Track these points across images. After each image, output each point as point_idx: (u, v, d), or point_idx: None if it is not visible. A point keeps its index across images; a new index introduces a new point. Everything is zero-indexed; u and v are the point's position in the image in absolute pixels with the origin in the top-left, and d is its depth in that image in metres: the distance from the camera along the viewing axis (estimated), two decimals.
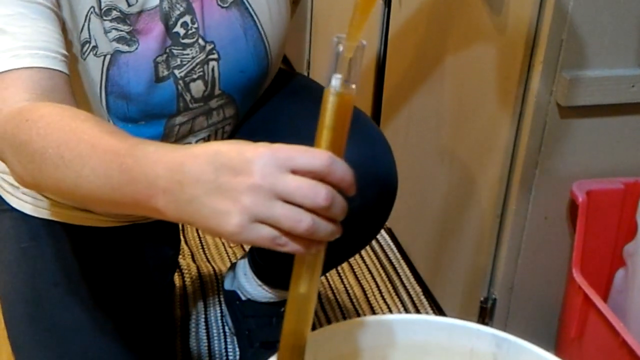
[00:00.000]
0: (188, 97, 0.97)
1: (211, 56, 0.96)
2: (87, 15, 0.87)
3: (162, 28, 0.92)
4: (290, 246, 0.60)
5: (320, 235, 0.60)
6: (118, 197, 0.65)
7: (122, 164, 0.64)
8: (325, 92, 0.63)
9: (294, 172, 0.59)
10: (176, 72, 0.94)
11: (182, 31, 0.94)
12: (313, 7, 2.02)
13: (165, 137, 0.98)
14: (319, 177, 0.59)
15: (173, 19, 0.92)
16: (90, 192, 0.67)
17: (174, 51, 0.93)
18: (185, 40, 0.94)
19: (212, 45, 0.96)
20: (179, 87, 0.95)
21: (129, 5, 0.89)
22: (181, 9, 0.93)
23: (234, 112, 1.03)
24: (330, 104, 0.63)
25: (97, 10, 0.87)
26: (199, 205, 0.60)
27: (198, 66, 0.96)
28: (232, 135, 1.07)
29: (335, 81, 0.63)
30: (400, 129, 1.53)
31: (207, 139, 1.03)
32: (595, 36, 1.06)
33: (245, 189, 0.58)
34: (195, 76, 0.96)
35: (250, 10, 0.98)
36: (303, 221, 0.58)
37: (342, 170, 0.60)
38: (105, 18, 0.88)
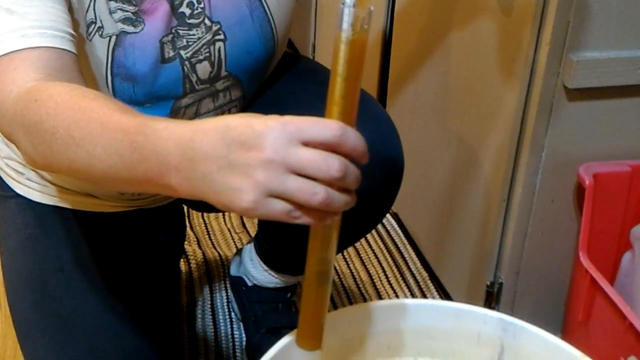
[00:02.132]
0: (194, 79, 0.96)
1: (217, 37, 0.96)
2: None
3: (168, 8, 0.91)
4: (305, 219, 0.60)
5: (335, 207, 0.60)
6: (131, 175, 0.66)
7: (132, 142, 0.64)
8: (336, 37, 0.61)
9: (306, 144, 0.58)
10: (182, 52, 0.94)
11: (188, 11, 0.93)
12: None
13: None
14: (330, 147, 0.59)
15: None
16: (103, 171, 0.67)
17: (180, 31, 0.93)
18: (191, 21, 0.93)
19: (219, 26, 0.95)
20: (185, 68, 0.95)
21: None
22: None
23: (240, 94, 1.03)
24: (342, 51, 0.61)
25: None
26: (211, 181, 0.60)
27: (204, 47, 0.95)
28: None
29: (347, 24, 0.61)
30: (407, 110, 1.52)
31: None
32: (602, 17, 1.05)
33: (257, 163, 0.58)
34: (201, 57, 0.95)
35: None
36: (317, 194, 0.58)
37: (354, 139, 0.60)
38: None
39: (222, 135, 0.59)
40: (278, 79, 1.10)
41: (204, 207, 1.24)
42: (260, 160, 0.58)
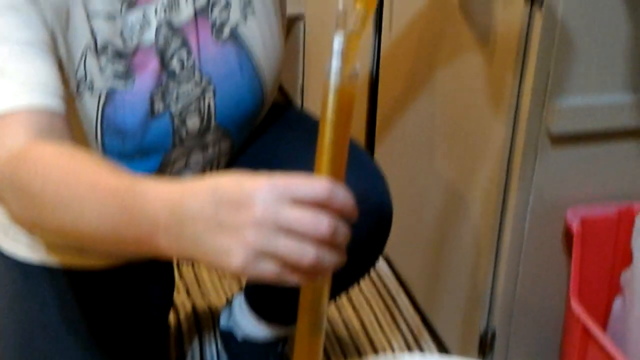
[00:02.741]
0: (183, 132, 0.97)
1: (207, 91, 0.96)
2: (83, 53, 0.87)
3: (158, 63, 0.91)
4: (295, 279, 0.59)
5: (324, 267, 0.59)
6: (120, 237, 0.65)
7: (121, 203, 0.64)
8: (325, 85, 0.62)
9: (295, 202, 0.58)
10: (172, 107, 0.94)
11: (178, 66, 0.94)
12: (305, 33, 2.02)
13: (160, 172, 0.98)
14: (320, 205, 0.59)
15: (169, 54, 0.92)
16: (91, 233, 0.67)
17: (170, 86, 0.93)
18: (181, 75, 0.94)
19: (208, 80, 0.96)
20: (175, 122, 0.95)
21: (125, 43, 0.89)
22: (177, 44, 0.93)
23: (229, 146, 1.03)
24: (330, 99, 0.61)
25: (93, 48, 0.87)
26: (201, 242, 0.59)
27: (194, 101, 0.95)
28: (227, 169, 1.07)
29: (335, 73, 0.61)
30: (395, 153, 1.52)
31: (202, 174, 1.03)
32: (583, 63, 1.05)
33: (247, 224, 0.57)
34: (191, 111, 0.96)
35: (245, 44, 0.98)
36: (307, 255, 0.58)
37: (342, 197, 0.60)
38: (101, 55, 0.87)
39: (211, 195, 0.59)
40: (267, 128, 1.10)
41: None
42: (249, 221, 0.57)
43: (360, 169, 1.02)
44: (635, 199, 1.13)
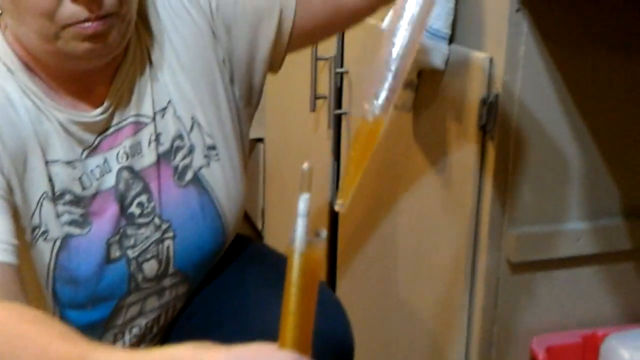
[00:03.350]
0: (140, 277, 0.95)
1: (167, 235, 0.95)
2: (39, 201, 0.86)
3: (117, 208, 0.91)
4: None
5: None
6: None
7: None
8: (289, 249, 0.60)
9: None
10: (129, 252, 0.92)
11: (137, 211, 0.93)
12: (265, 155, 2.04)
13: (112, 319, 0.95)
14: None
15: (129, 199, 0.92)
16: None
17: (128, 231, 0.92)
18: (141, 220, 0.93)
19: (169, 224, 0.95)
20: (131, 268, 0.93)
21: (84, 189, 0.88)
22: (137, 188, 0.92)
23: (186, 289, 1.01)
24: (295, 262, 0.59)
25: (50, 194, 0.86)
26: None
27: (152, 245, 0.94)
28: (182, 312, 1.04)
29: (300, 238, 0.60)
30: (357, 281, 1.51)
31: (157, 319, 1.00)
32: (538, 193, 1.07)
33: None
34: (148, 256, 0.94)
35: (208, 187, 0.97)
36: None
37: None
38: (58, 202, 0.87)
39: None
40: (225, 266, 1.09)
41: None
42: None
43: (320, 304, 1.01)
44: (599, 324, 1.13)
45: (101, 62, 0.87)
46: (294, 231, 0.60)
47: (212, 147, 0.97)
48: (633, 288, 1.15)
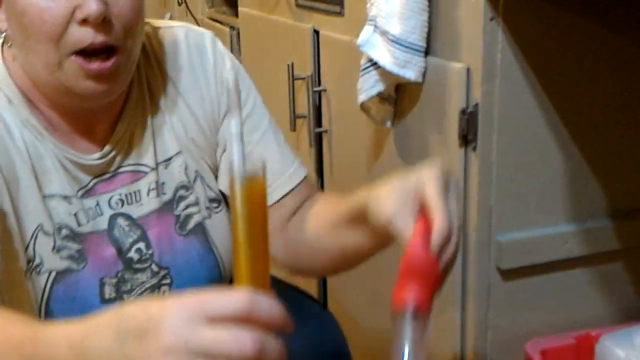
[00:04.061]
0: None
1: (164, 281, 0.94)
2: (34, 233, 0.85)
3: (114, 251, 0.90)
4: None
5: None
6: None
7: (22, 354, 0.59)
8: (231, 181, 0.57)
9: (211, 321, 0.52)
10: (125, 296, 0.91)
11: (136, 256, 0.92)
12: None
13: None
14: (241, 321, 0.52)
15: (127, 245, 0.91)
16: None
17: (126, 276, 0.91)
18: (138, 265, 0.92)
19: (167, 271, 0.94)
20: None
21: (79, 225, 0.88)
22: (135, 236, 0.91)
23: None
24: (237, 192, 0.56)
25: (46, 227, 0.86)
26: None
27: (147, 291, 0.93)
28: None
29: (239, 162, 0.57)
30: (348, 297, 1.51)
31: None
32: (522, 199, 1.08)
33: (155, 353, 0.51)
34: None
35: (209, 237, 0.96)
36: None
37: (267, 307, 0.52)
38: (56, 236, 0.86)
39: (115, 327, 0.54)
40: None
41: None
42: (158, 349, 0.51)
43: (313, 320, 1.01)
44: (590, 326, 1.14)
45: (103, 102, 0.86)
46: (231, 155, 0.57)
47: (214, 200, 0.96)
48: (623, 287, 1.16)
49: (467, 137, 1.05)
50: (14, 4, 0.80)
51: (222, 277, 0.98)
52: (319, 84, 1.49)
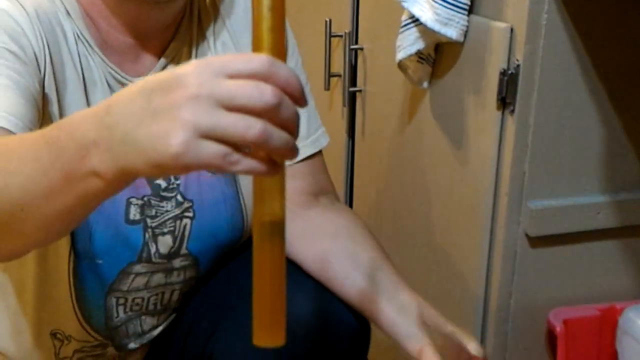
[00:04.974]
0: (153, 249, 0.95)
1: (187, 214, 0.95)
2: None
3: None
4: (244, 164, 0.53)
5: (274, 144, 0.53)
6: (50, 181, 0.59)
7: (47, 140, 0.60)
8: None
9: (233, 76, 0.53)
10: (148, 220, 0.93)
11: (163, 183, 0.93)
12: None
13: (118, 283, 0.95)
14: (260, 79, 0.53)
15: None
16: (20, 187, 0.61)
17: (152, 201, 0.92)
18: (165, 193, 0.93)
19: (190, 204, 0.95)
20: (147, 236, 0.93)
21: None
22: None
23: (194, 275, 1.01)
24: None
25: None
26: (134, 139, 0.54)
27: (170, 220, 0.94)
28: (185, 298, 1.04)
29: None
30: None
31: (160, 297, 1.00)
32: (557, 166, 1.07)
33: (182, 102, 0.52)
34: (165, 230, 0.94)
35: (239, 184, 0.97)
36: (253, 127, 0.52)
37: (286, 72, 0.54)
38: None
39: (140, 88, 0.55)
40: (233, 258, 1.05)
41: None
42: (185, 98, 0.52)
43: (311, 292, 0.97)
44: (616, 299, 1.13)
45: (160, 13, 0.89)
46: None
47: None
48: None
49: (505, 100, 1.04)
50: None
51: (242, 225, 0.98)
52: (357, 42, 1.48)
